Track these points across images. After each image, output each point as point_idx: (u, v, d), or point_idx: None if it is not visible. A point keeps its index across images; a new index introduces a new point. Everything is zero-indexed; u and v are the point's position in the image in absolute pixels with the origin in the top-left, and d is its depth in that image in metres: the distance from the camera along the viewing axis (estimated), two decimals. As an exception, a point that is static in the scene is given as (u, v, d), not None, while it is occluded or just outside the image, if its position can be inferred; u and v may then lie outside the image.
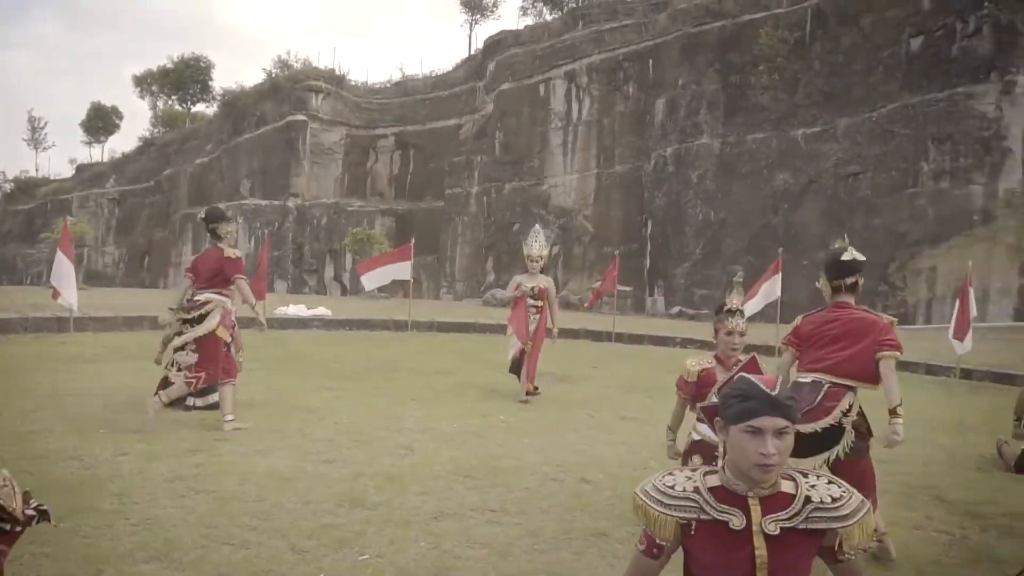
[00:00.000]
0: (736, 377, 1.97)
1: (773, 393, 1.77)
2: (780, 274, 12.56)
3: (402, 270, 14.53)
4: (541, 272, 7.61)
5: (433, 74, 38.26)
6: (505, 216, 29.61)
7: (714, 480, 1.86)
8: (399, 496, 4.20)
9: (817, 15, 22.33)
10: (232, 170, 38.71)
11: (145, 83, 53.16)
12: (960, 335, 10.41)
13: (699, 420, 3.88)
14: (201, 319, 5.50)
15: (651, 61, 26.13)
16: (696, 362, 3.74)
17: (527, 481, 4.57)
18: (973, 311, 10.66)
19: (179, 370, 5.46)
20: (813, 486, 1.85)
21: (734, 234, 22.88)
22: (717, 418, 1.89)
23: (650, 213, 25.22)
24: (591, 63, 28.03)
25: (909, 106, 19.60)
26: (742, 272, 20.67)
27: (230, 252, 5.66)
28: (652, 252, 25.08)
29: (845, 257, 3.83)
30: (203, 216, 5.91)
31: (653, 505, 1.84)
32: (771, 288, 12.87)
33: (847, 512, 1.81)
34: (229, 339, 5.63)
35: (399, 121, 36.56)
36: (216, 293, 5.59)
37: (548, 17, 35.83)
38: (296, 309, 15.99)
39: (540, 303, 7.52)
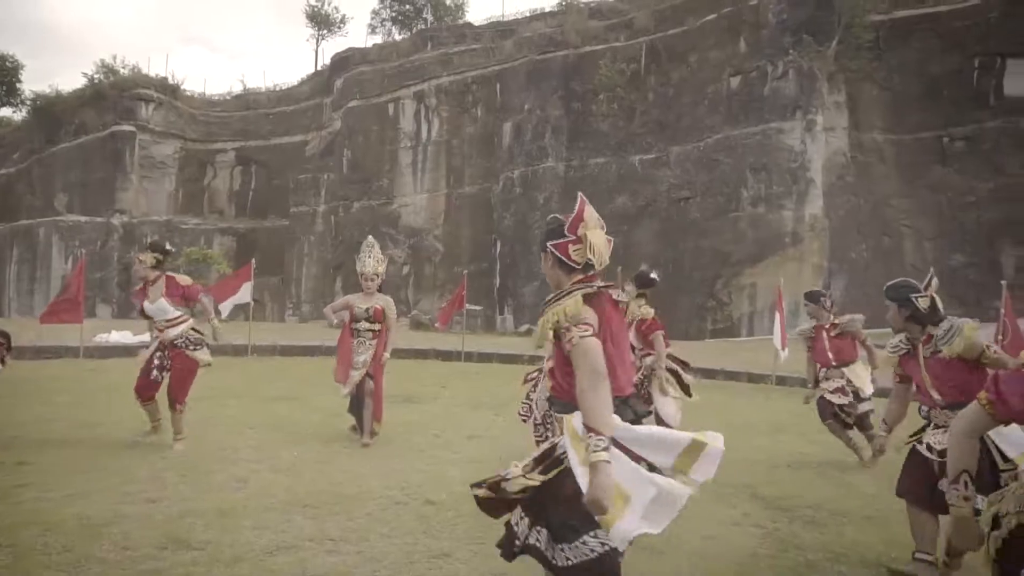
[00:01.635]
0: None
1: None
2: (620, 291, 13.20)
3: (242, 292, 13.79)
4: (379, 291, 6.51)
5: (277, 88, 36.90)
6: (354, 235, 28.97)
7: None
8: (230, 532, 3.94)
9: (651, 50, 24.02)
10: (45, 182, 34.96)
11: (-64, 82, 46.79)
12: (784, 344, 11.53)
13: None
14: None
15: (498, 85, 26.82)
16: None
17: (369, 507, 4.45)
18: (784, 323, 11.85)
19: None
20: None
21: (579, 254, 23.88)
22: None
23: (499, 233, 25.75)
24: (440, 84, 28.31)
25: (730, 137, 21.52)
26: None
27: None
28: (501, 271, 25.57)
29: (653, 275, 6.29)
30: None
31: None
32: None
33: None
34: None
35: (240, 135, 34.83)
36: None
37: (397, 37, 35.81)
38: (120, 335, 14.66)
39: (378, 327, 6.43)
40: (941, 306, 3.77)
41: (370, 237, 6.74)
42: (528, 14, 29.70)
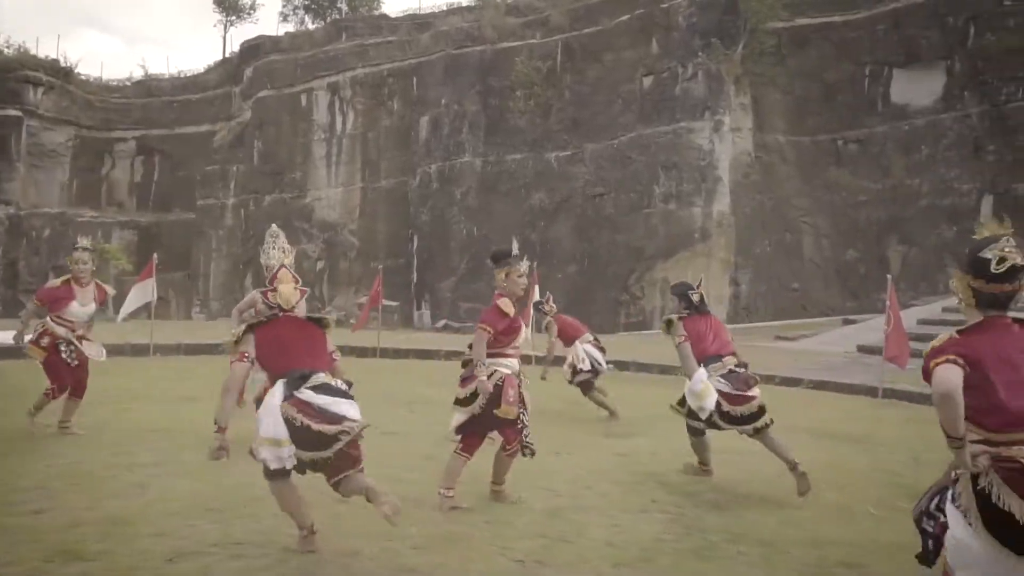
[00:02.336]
0: None
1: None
2: (537, 286, 13.40)
3: (141, 290, 13.14)
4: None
5: (182, 75, 35.18)
6: (265, 229, 27.87)
7: None
8: (126, 541, 3.75)
9: (566, 48, 24.33)
10: (-82, 171, 32.07)
11: None
12: None
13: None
14: None
15: (415, 79, 26.54)
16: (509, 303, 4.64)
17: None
18: None
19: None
20: None
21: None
22: None
23: (416, 228, 25.53)
24: (355, 76, 27.76)
25: (643, 136, 22.09)
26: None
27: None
28: (419, 266, 25.37)
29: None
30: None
31: None
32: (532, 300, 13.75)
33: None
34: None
35: (141, 124, 33.03)
36: None
37: (310, 26, 34.84)
38: (4, 335, 13.63)
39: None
40: (707, 299, 5.57)
41: (274, 226, 6.23)
42: (445, 8, 29.51)
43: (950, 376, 2.48)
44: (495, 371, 4.51)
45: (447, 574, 3.50)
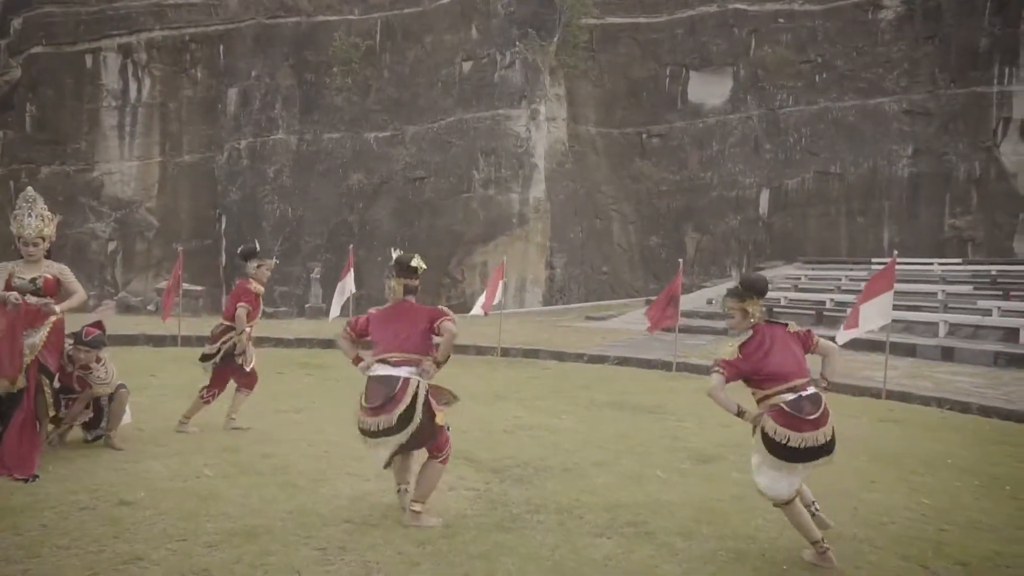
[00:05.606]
0: None
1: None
2: (352, 270, 13.14)
3: None
4: (48, 258, 5.13)
5: (-71, 20, 29.92)
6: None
7: None
8: None
9: (386, 27, 23.84)
10: None
11: None
12: (486, 307, 12.72)
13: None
14: None
15: (222, 47, 24.69)
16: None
17: (44, 517, 3.87)
18: (500, 293, 13.09)
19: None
20: None
21: (312, 231, 23.10)
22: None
23: (224, 208, 23.89)
24: (152, 39, 25.24)
25: (463, 120, 22.28)
26: (319, 268, 21.03)
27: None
28: (227, 248, 23.77)
29: (414, 263, 4.39)
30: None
31: None
32: (346, 284, 13.44)
33: None
34: None
35: None
36: None
37: (97, -22, 31.05)
38: None
39: (47, 300, 5.02)
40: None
41: (30, 189, 5.21)
42: (255, -27, 27.64)
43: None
44: None
45: (243, 571, 3.33)
